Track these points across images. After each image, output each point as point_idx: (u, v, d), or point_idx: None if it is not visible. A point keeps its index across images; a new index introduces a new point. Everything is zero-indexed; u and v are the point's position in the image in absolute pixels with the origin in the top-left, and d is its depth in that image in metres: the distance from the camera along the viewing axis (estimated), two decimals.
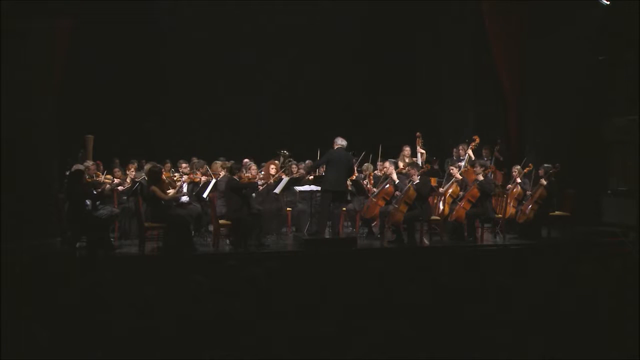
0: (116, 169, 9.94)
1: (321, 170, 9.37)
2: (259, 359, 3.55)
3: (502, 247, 8.87)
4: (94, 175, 9.47)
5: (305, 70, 12.95)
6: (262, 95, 13.11)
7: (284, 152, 10.78)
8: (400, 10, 12.60)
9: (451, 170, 9.57)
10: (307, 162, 10.35)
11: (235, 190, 8.61)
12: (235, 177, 8.69)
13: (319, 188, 9.02)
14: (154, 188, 8.23)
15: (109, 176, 9.70)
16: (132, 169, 10.16)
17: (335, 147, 8.85)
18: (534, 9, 10.88)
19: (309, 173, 9.70)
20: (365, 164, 10.30)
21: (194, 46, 12.69)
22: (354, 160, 9.36)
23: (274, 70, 12.97)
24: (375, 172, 10.22)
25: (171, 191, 8.89)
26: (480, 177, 9.23)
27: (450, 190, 9.42)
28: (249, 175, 9.24)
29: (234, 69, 12.81)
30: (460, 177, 9.41)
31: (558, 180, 9.52)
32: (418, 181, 9.02)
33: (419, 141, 11.07)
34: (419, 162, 10.67)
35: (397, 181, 9.21)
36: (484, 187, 9.11)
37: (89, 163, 9.62)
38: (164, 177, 8.68)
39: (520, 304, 4.27)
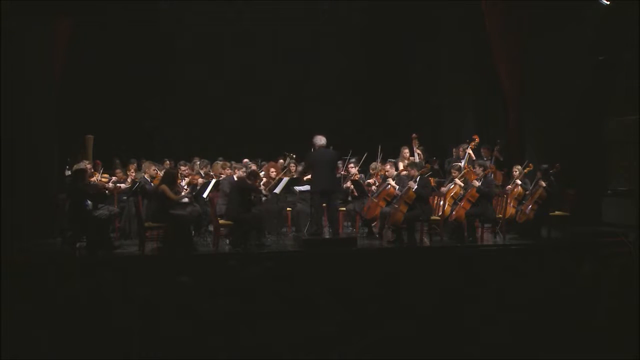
0: (117, 170, 9.96)
1: None
2: (259, 359, 3.55)
3: (502, 247, 8.86)
4: (92, 174, 9.47)
5: (305, 70, 12.95)
6: (262, 95, 13.11)
7: (290, 155, 10.80)
8: (400, 10, 12.61)
9: (453, 174, 9.55)
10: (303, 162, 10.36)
11: (242, 191, 8.60)
12: (248, 181, 8.67)
13: None
14: (163, 187, 8.24)
15: (105, 175, 9.72)
16: (132, 169, 10.16)
17: (317, 146, 8.82)
18: (534, 9, 10.88)
19: (303, 174, 9.75)
20: (373, 164, 10.31)
21: (194, 46, 12.70)
22: (339, 157, 9.34)
23: (275, 70, 12.97)
24: (368, 179, 10.18)
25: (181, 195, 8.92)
26: (477, 183, 9.17)
27: (452, 192, 9.40)
28: (263, 185, 9.26)
29: (234, 69, 12.82)
30: (462, 185, 9.37)
31: (558, 180, 9.51)
32: (417, 186, 8.96)
33: (415, 142, 11.13)
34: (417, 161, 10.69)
35: (396, 187, 9.18)
36: (483, 191, 9.08)
37: (85, 162, 9.62)
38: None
39: (520, 304, 4.27)
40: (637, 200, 9.64)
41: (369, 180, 10.05)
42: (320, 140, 8.79)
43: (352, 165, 10.26)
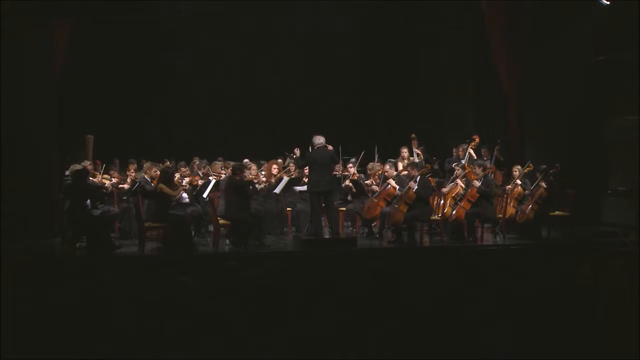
0: (112, 171, 9.96)
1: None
2: (259, 359, 3.55)
3: (502, 247, 8.86)
4: (92, 175, 9.47)
5: (304, 69, 12.95)
6: (261, 95, 13.11)
7: (291, 155, 10.80)
8: (400, 10, 12.60)
9: (457, 173, 9.54)
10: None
11: (236, 189, 8.59)
12: (237, 177, 8.67)
13: None
14: (161, 186, 8.25)
15: (106, 176, 9.72)
16: (132, 169, 10.16)
17: (315, 146, 8.81)
18: (534, 9, 10.88)
19: (301, 168, 9.76)
20: (371, 164, 10.31)
21: (194, 46, 12.69)
22: (336, 156, 9.33)
23: (274, 70, 12.96)
24: (367, 179, 10.18)
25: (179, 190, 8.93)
26: (477, 183, 9.17)
27: (453, 193, 9.39)
28: (250, 176, 9.23)
29: (234, 68, 12.82)
30: (464, 187, 9.35)
31: (558, 180, 9.52)
32: (417, 186, 8.95)
33: (415, 142, 11.14)
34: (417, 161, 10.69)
35: (397, 187, 9.17)
36: (483, 191, 9.08)
37: (86, 163, 9.63)
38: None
39: (520, 304, 4.27)
40: (637, 200, 9.63)
41: (367, 182, 10.06)
42: (319, 139, 8.78)
43: (350, 165, 10.27)
